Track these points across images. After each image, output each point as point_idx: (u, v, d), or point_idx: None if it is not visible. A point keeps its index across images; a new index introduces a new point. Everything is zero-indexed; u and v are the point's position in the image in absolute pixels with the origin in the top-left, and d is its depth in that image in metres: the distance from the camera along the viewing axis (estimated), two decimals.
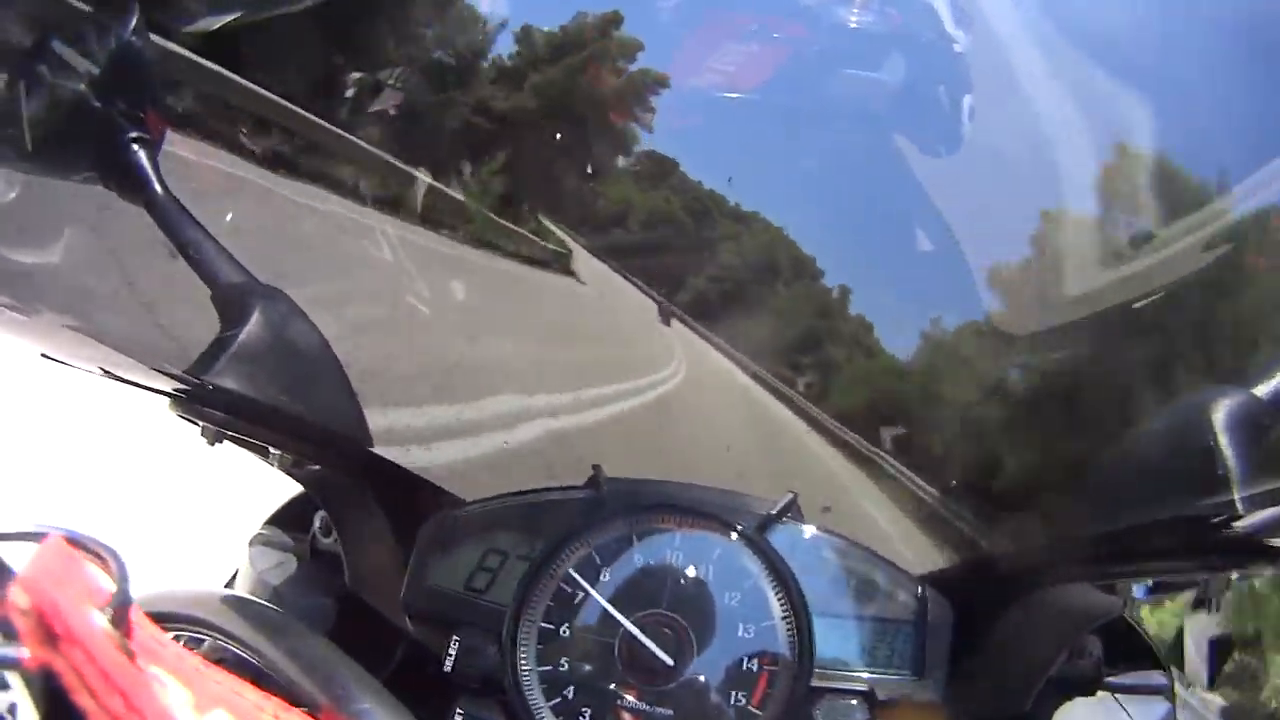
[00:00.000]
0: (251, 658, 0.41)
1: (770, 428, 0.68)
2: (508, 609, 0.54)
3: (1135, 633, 0.56)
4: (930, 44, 0.60)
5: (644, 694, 0.52)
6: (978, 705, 0.53)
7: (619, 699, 0.52)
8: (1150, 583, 0.53)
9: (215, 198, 0.62)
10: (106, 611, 0.26)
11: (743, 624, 0.53)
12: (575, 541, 0.55)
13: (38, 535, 0.27)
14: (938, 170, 0.59)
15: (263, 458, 0.61)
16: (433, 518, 0.60)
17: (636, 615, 0.53)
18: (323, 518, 0.65)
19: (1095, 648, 0.54)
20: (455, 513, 0.60)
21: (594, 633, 0.53)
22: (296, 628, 0.44)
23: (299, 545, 0.66)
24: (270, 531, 0.67)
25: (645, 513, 0.56)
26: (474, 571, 0.57)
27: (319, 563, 0.65)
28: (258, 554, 0.66)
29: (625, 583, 0.54)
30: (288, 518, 0.69)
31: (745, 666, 0.52)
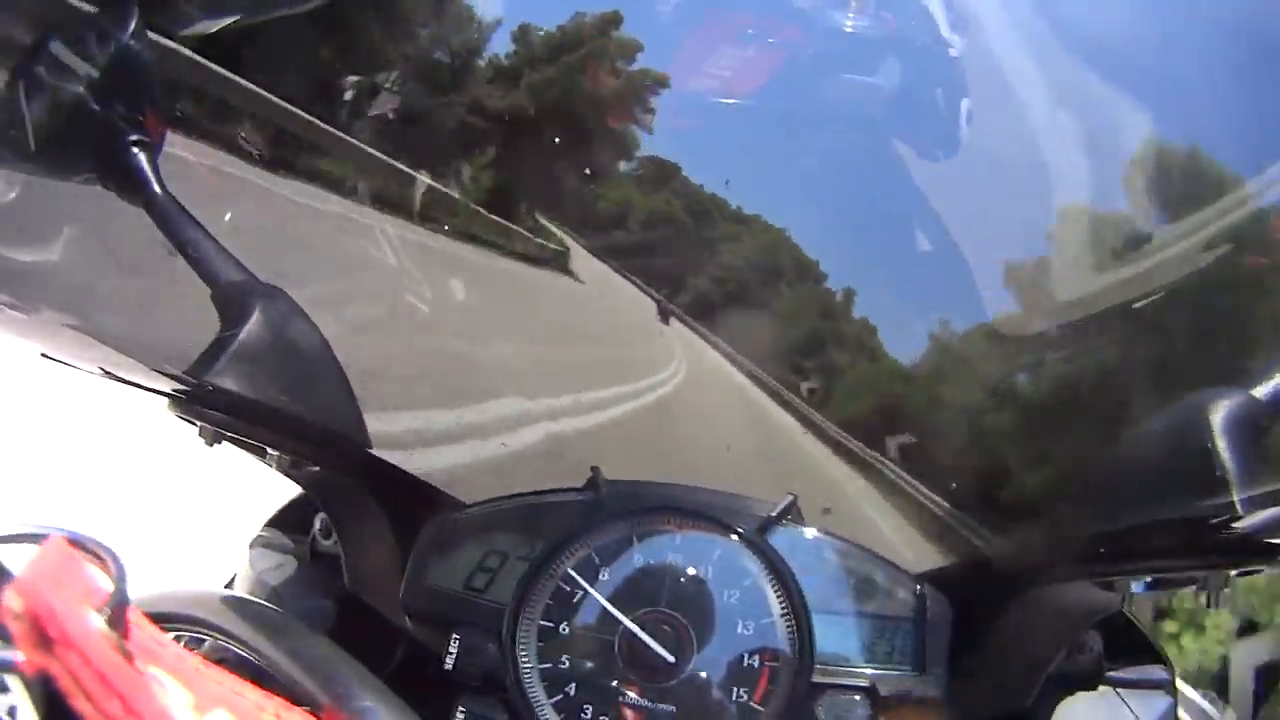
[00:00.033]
0: (252, 657, 0.41)
1: (770, 429, 0.68)
2: (507, 607, 0.54)
3: (1135, 627, 0.56)
4: (926, 48, 0.60)
5: (646, 691, 0.52)
6: (979, 703, 0.53)
7: (621, 695, 0.52)
8: (1149, 579, 0.52)
9: (215, 198, 0.61)
10: (104, 612, 0.26)
11: (742, 621, 0.53)
12: (575, 542, 0.55)
13: (38, 536, 0.27)
14: (935, 173, 0.59)
15: (260, 459, 0.61)
16: (433, 520, 0.60)
17: (636, 613, 0.53)
18: (322, 520, 0.65)
19: (1095, 643, 0.54)
20: (455, 515, 0.60)
21: (594, 631, 0.53)
22: (297, 627, 0.44)
23: (299, 547, 0.66)
24: (270, 533, 0.67)
25: (645, 514, 0.56)
26: (474, 571, 0.57)
27: (319, 564, 0.65)
28: (258, 556, 0.66)
29: (625, 582, 0.54)
30: (288, 520, 0.69)
31: (746, 663, 0.52)
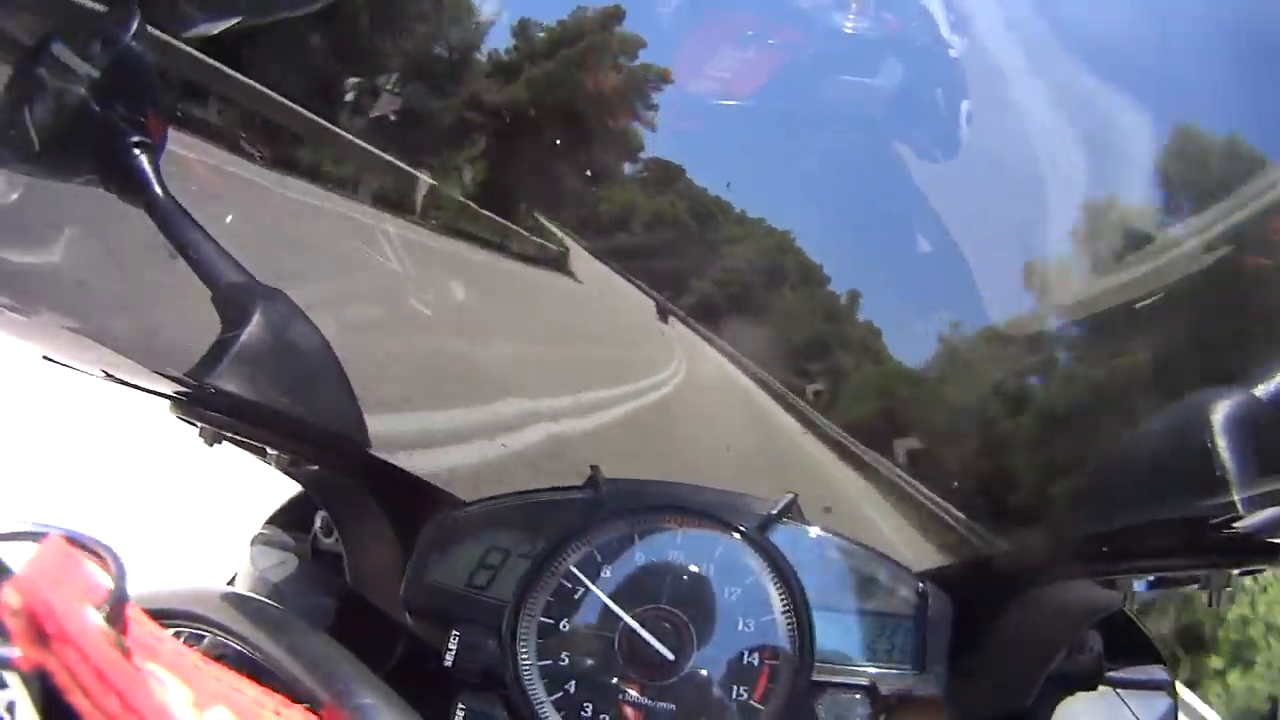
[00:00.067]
0: (251, 654, 0.41)
1: (770, 429, 0.68)
2: (509, 604, 0.54)
3: (1135, 627, 0.56)
4: (926, 49, 0.60)
5: (645, 688, 0.52)
6: (979, 702, 0.53)
7: (621, 693, 0.52)
8: (1151, 578, 0.52)
9: (215, 198, 0.62)
10: (103, 609, 0.26)
11: (743, 619, 0.53)
12: (577, 540, 0.55)
13: (37, 535, 0.27)
14: (935, 174, 0.59)
15: (261, 458, 0.61)
16: (434, 517, 0.60)
17: (636, 610, 0.53)
18: (324, 518, 0.66)
19: (1095, 643, 0.54)
20: (456, 512, 0.60)
21: (594, 628, 0.53)
22: (296, 624, 0.44)
23: (300, 545, 0.66)
24: (271, 531, 0.67)
25: (647, 512, 0.56)
26: (475, 569, 0.57)
27: (320, 562, 0.66)
28: (259, 553, 0.66)
29: (626, 579, 0.54)
30: (289, 518, 0.69)
31: (746, 661, 0.52)
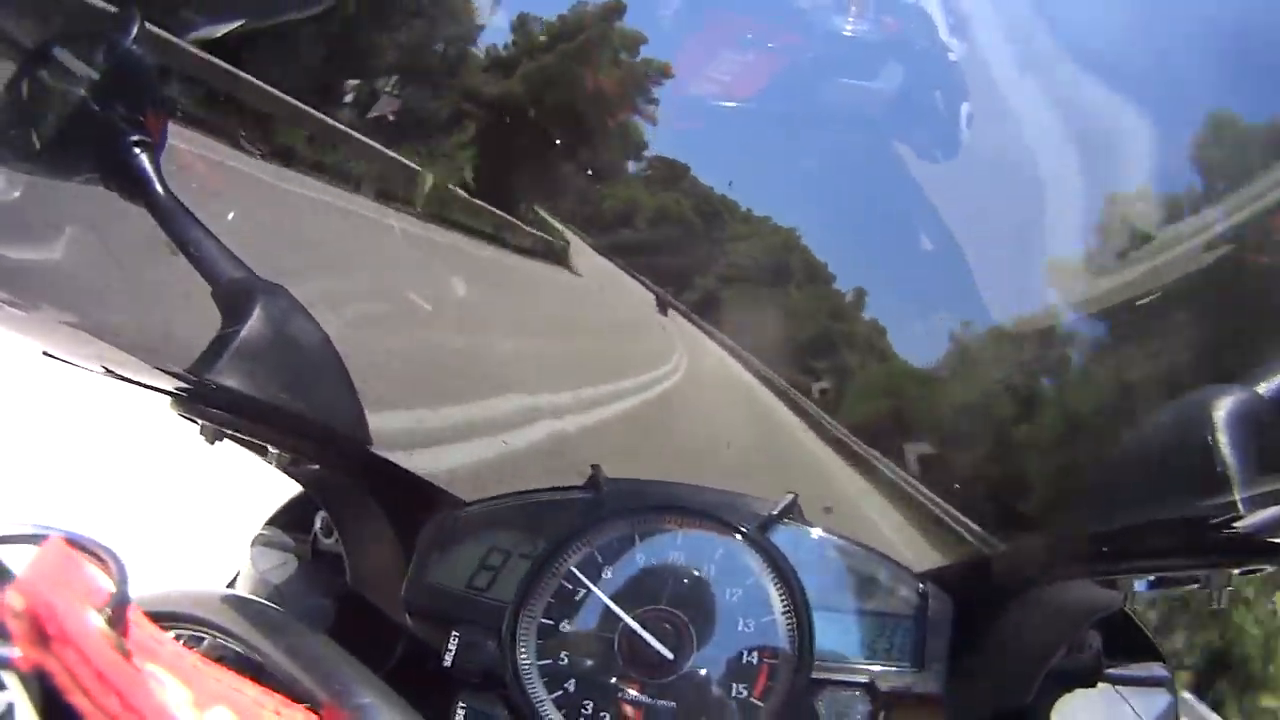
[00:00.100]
0: (251, 655, 0.41)
1: (770, 426, 0.68)
2: (509, 605, 0.54)
3: (1135, 625, 0.56)
4: (925, 52, 0.60)
5: (646, 687, 0.52)
6: (979, 700, 0.53)
7: (621, 692, 0.52)
8: (1151, 578, 0.52)
9: (216, 195, 0.62)
10: (104, 611, 0.26)
11: (743, 619, 0.53)
12: (577, 540, 0.55)
13: (38, 537, 0.27)
14: (936, 174, 0.59)
15: (262, 456, 0.61)
16: (434, 518, 0.60)
17: (636, 611, 0.53)
18: (324, 518, 0.65)
19: (1095, 641, 0.54)
20: (456, 513, 0.60)
21: (594, 628, 0.53)
22: (296, 625, 0.44)
23: (300, 546, 0.66)
24: (271, 532, 0.67)
25: (647, 513, 0.56)
26: (476, 570, 0.57)
27: (320, 563, 0.65)
28: (259, 554, 0.66)
29: (626, 580, 0.54)
30: (289, 518, 0.69)
31: (745, 660, 0.52)
